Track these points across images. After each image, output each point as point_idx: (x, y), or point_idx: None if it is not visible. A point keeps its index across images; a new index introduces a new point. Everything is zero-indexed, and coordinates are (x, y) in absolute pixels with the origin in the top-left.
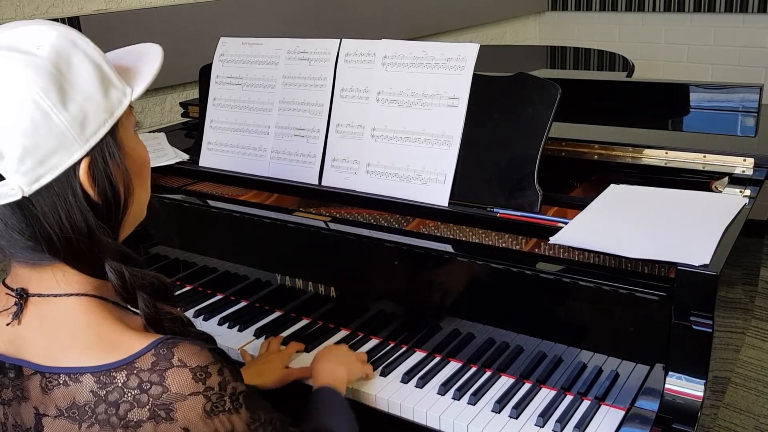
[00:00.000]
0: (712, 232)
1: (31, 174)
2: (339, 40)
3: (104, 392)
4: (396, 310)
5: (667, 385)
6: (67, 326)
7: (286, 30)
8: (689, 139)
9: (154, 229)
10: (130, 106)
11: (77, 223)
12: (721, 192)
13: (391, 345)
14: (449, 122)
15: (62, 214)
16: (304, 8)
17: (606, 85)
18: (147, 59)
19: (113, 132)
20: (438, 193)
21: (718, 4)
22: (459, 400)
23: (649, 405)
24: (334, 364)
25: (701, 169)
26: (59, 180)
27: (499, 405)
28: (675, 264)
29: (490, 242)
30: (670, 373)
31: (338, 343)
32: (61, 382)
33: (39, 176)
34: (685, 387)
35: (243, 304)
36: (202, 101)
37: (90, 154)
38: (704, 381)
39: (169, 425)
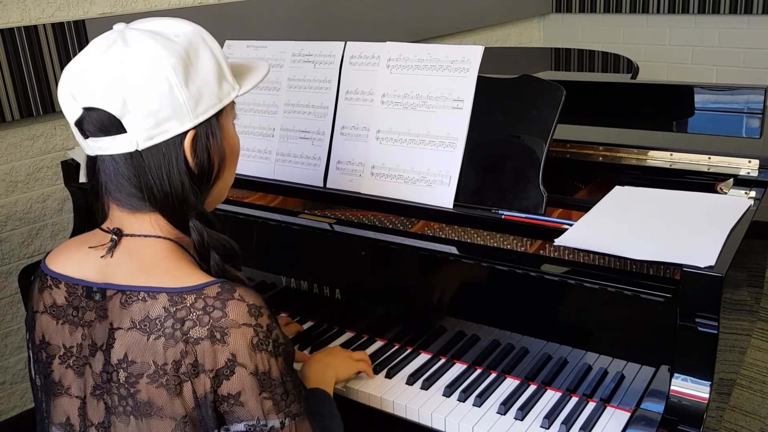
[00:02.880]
0: (717, 233)
1: (148, 132)
2: (344, 43)
3: (174, 309)
4: (401, 311)
5: (672, 387)
6: (150, 257)
7: (290, 33)
8: (694, 141)
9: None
10: (234, 102)
11: (175, 182)
12: (726, 193)
13: (397, 347)
14: (454, 124)
15: (164, 172)
16: (309, 11)
17: (610, 87)
18: (256, 68)
19: (218, 116)
20: (443, 195)
21: (723, 6)
22: (464, 401)
23: (654, 407)
24: (323, 367)
25: (706, 170)
26: (168, 143)
27: (505, 407)
28: (680, 265)
29: (495, 244)
30: (676, 374)
31: (344, 345)
32: (140, 298)
33: (153, 135)
34: (690, 389)
35: None
36: None
37: (196, 128)
38: (710, 383)
39: (221, 347)
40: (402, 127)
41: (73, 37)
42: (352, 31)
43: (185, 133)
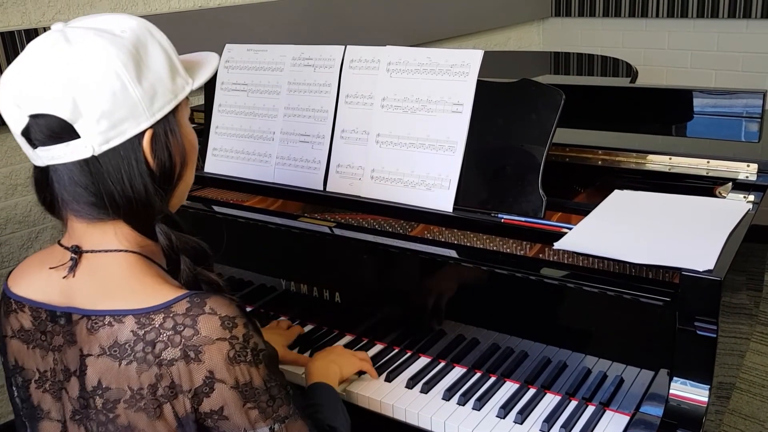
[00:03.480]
0: (716, 237)
1: (103, 135)
2: (344, 47)
3: (143, 332)
4: (401, 315)
5: (671, 391)
6: (114, 276)
7: (291, 37)
8: (693, 145)
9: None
10: (187, 99)
11: (137, 185)
12: (724, 197)
13: (396, 350)
14: (453, 128)
15: (124, 175)
16: (309, 15)
17: (610, 91)
18: (207, 61)
19: (174, 112)
20: (442, 199)
21: (722, 10)
22: (464, 405)
23: (653, 410)
24: (327, 363)
25: (705, 174)
26: (125, 145)
27: (504, 410)
28: (679, 269)
29: (495, 248)
30: (675, 378)
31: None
32: (106, 322)
33: (109, 138)
34: (689, 392)
35: (248, 309)
36: (208, 107)
37: (154, 127)
38: (709, 386)
39: (196, 366)
40: (402, 130)
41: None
42: (352, 35)
43: (143, 132)
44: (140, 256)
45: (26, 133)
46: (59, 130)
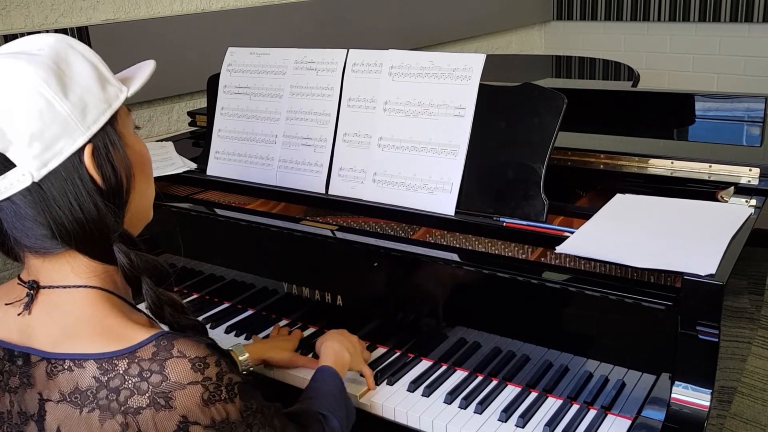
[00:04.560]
0: (718, 241)
1: (39, 158)
2: (346, 50)
3: (106, 378)
4: (403, 318)
5: (673, 395)
6: (74, 315)
7: (293, 40)
8: (695, 149)
9: (162, 238)
10: (129, 108)
11: (86, 205)
12: (726, 202)
13: (398, 353)
14: (456, 132)
15: (71, 198)
16: (312, 19)
17: (611, 95)
18: (141, 68)
19: (112, 123)
20: (445, 202)
21: (724, 14)
22: (465, 408)
23: (655, 414)
24: (342, 348)
25: (707, 178)
26: (66, 165)
27: (506, 414)
28: (681, 273)
29: (497, 251)
30: (677, 382)
31: None
32: (66, 367)
33: (47, 161)
34: (691, 396)
35: (250, 312)
36: (210, 110)
37: (92, 141)
38: (711, 390)
39: (167, 413)
40: (404, 134)
41: None
42: (354, 39)
43: (82, 148)
44: (101, 292)
45: None
46: None
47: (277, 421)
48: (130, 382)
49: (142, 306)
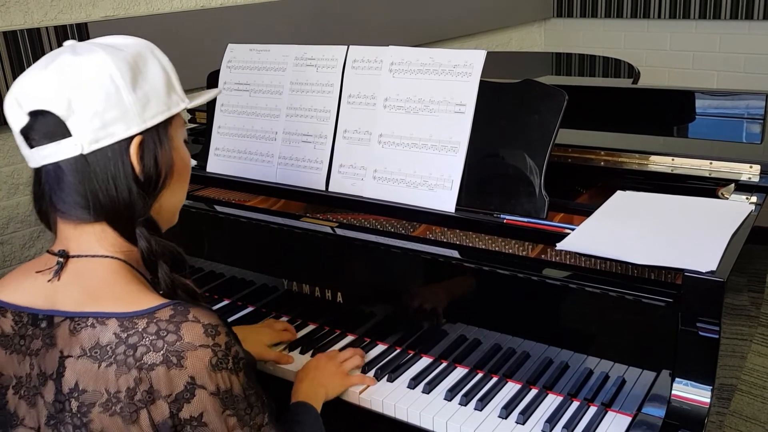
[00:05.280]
0: (718, 238)
1: (93, 134)
2: (346, 47)
3: (125, 335)
4: (402, 315)
5: (673, 392)
6: (99, 280)
7: (293, 37)
8: (695, 146)
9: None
10: (184, 120)
11: (121, 187)
12: (727, 199)
13: (398, 350)
14: (456, 128)
15: (110, 177)
16: (312, 15)
17: (612, 92)
18: (207, 92)
19: (166, 125)
20: (445, 199)
21: (724, 11)
22: (466, 405)
23: (655, 411)
24: (315, 386)
25: (707, 175)
26: (113, 147)
27: (506, 411)
28: (682, 270)
29: (497, 248)
30: (677, 379)
31: (345, 348)
32: (89, 324)
33: (99, 138)
34: (691, 393)
35: (249, 309)
36: (210, 107)
37: (143, 134)
38: (711, 387)
39: (177, 371)
40: (404, 131)
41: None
42: (354, 35)
43: (132, 137)
44: (124, 263)
45: (25, 132)
46: (53, 128)
47: (272, 417)
48: (147, 339)
49: None
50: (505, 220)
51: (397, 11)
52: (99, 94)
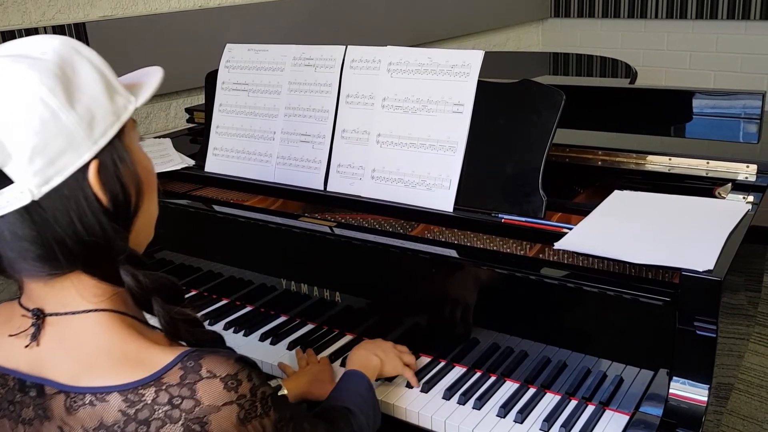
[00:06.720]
0: (715, 238)
1: (40, 175)
2: (344, 47)
3: (133, 411)
4: (400, 315)
5: (671, 390)
6: (89, 345)
7: (291, 37)
8: (692, 146)
9: (160, 234)
10: (134, 121)
11: (90, 226)
12: (724, 198)
13: None
14: (454, 128)
15: (74, 217)
16: (310, 15)
17: (609, 92)
18: (149, 75)
19: (120, 136)
20: (443, 199)
21: (721, 11)
22: (464, 404)
23: (653, 410)
24: (369, 353)
25: (704, 175)
26: (69, 183)
27: (504, 410)
28: (679, 269)
29: (495, 247)
30: (675, 378)
31: (343, 348)
32: (87, 402)
33: (49, 178)
34: (689, 392)
35: (248, 308)
36: (208, 107)
37: (99, 156)
38: (708, 386)
39: None
40: (402, 130)
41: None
42: (352, 36)
43: (87, 164)
44: (113, 314)
45: None
46: None
47: (307, 424)
48: (160, 411)
49: (154, 321)
50: (503, 220)
51: (395, 11)
52: (33, 125)
